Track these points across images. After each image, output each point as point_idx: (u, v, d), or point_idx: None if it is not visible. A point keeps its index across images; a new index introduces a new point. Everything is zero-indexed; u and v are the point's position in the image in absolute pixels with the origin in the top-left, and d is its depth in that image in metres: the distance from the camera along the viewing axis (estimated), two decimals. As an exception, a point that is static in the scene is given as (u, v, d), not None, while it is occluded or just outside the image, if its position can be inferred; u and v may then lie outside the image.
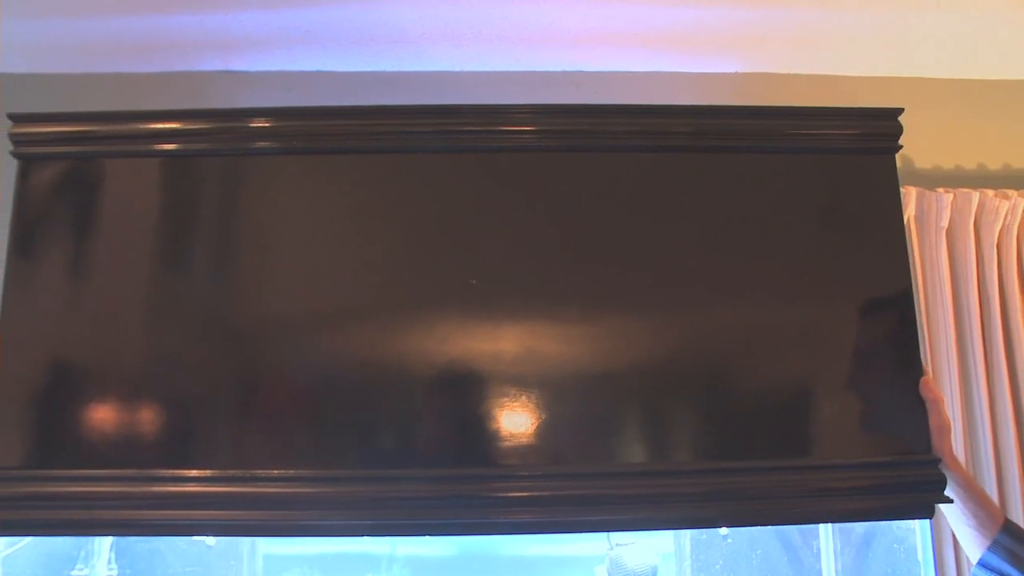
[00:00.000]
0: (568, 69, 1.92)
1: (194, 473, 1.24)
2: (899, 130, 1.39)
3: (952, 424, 1.36)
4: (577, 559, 1.70)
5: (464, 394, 1.31)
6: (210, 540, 1.49)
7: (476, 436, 1.29)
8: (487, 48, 1.84)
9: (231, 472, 1.25)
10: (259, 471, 1.25)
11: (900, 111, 1.39)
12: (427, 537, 1.56)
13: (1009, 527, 1.20)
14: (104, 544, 1.42)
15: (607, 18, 1.73)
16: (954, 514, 1.25)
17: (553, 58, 1.88)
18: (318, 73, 1.91)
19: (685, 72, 1.94)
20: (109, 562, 1.39)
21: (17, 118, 1.35)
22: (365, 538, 1.59)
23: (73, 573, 1.38)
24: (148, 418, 1.28)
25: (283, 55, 1.86)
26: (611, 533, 1.59)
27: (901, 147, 1.39)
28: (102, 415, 1.28)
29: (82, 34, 1.75)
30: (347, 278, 1.34)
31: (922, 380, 1.30)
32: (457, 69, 1.91)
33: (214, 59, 1.87)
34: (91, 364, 1.30)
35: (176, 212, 1.37)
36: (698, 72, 1.94)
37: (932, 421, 1.28)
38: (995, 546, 1.17)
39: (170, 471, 1.24)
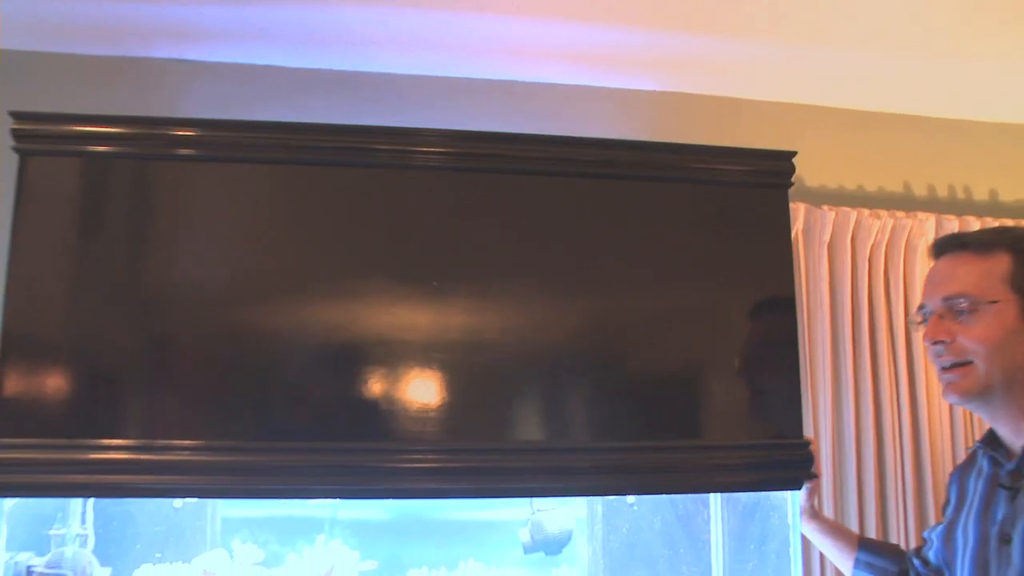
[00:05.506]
0: (503, 78, 2.06)
1: (160, 443, 1.40)
2: (792, 169, 1.61)
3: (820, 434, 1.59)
4: (502, 523, 1.88)
5: (379, 372, 1.47)
6: (177, 503, 1.62)
7: (390, 411, 1.46)
8: (430, 54, 1.95)
9: (188, 442, 1.40)
10: (212, 442, 1.41)
11: (794, 153, 1.60)
12: (349, 500, 1.71)
13: (863, 545, 1.44)
14: (79, 506, 1.52)
15: (540, 34, 1.87)
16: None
17: (490, 67, 2.02)
18: (269, 67, 1.98)
19: (606, 87, 2.10)
20: (83, 522, 1.50)
21: (19, 115, 1.44)
22: (307, 503, 1.74)
23: (52, 532, 1.49)
24: (107, 393, 1.41)
25: (237, 48, 1.92)
26: (532, 500, 1.78)
27: (793, 183, 1.61)
28: (60, 388, 1.39)
29: (36, 12, 1.76)
30: (268, 273, 1.50)
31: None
32: (401, 72, 2.02)
33: (168, 47, 1.91)
34: (44, 342, 1.42)
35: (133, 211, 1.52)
36: (618, 88, 2.10)
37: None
38: (858, 564, 1.42)
39: (140, 441, 1.39)
